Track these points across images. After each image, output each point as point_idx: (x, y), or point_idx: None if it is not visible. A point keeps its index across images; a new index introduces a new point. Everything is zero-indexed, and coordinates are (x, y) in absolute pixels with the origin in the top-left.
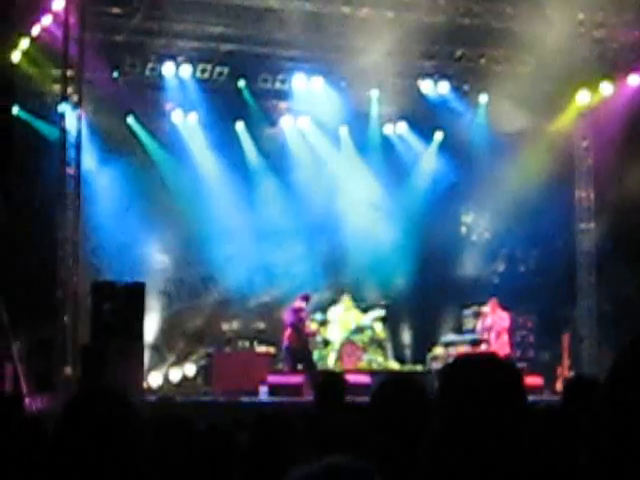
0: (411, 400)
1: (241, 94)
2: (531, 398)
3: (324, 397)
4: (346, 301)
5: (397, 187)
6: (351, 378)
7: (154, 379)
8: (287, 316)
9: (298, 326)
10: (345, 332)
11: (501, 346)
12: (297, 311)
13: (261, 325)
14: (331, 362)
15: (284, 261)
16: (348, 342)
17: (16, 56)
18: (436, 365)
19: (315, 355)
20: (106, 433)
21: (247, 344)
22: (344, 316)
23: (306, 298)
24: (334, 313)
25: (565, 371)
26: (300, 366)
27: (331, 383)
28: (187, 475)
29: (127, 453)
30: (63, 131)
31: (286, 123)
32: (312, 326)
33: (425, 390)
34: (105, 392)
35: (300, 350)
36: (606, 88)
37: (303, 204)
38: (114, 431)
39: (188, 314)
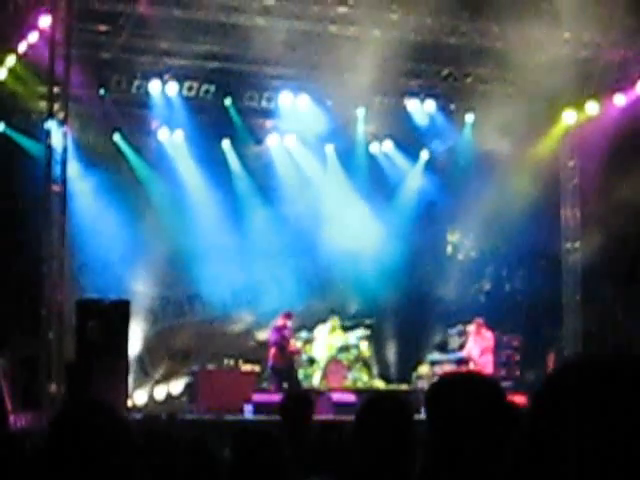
0: (396, 418)
1: (227, 112)
2: None
3: (288, 417)
4: (333, 321)
5: (383, 206)
6: (336, 397)
7: (139, 397)
8: (271, 335)
9: (282, 344)
10: (330, 351)
11: (484, 365)
12: (280, 329)
13: (246, 343)
14: (316, 381)
15: (269, 279)
16: (333, 361)
17: (2, 73)
18: (421, 384)
19: (300, 374)
20: (96, 446)
21: (232, 362)
22: (330, 335)
23: (288, 316)
24: (320, 332)
25: None
26: (285, 385)
27: (296, 403)
28: None
29: (118, 466)
30: (49, 148)
31: (272, 141)
32: (297, 344)
33: (410, 408)
34: (94, 405)
35: (285, 369)
36: (592, 107)
37: (289, 222)
38: (104, 444)
39: (173, 332)
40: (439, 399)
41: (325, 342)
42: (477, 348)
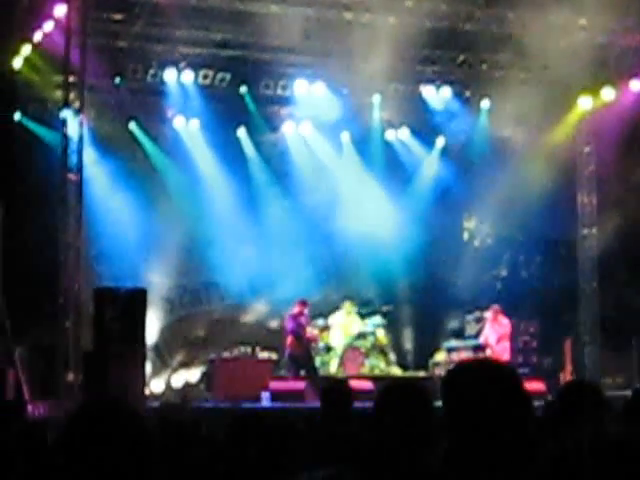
0: (414, 405)
1: (243, 100)
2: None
3: (330, 405)
4: (347, 306)
5: (399, 193)
6: (353, 384)
7: (156, 385)
8: (287, 323)
9: (298, 332)
10: (347, 338)
11: (501, 352)
12: (296, 317)
13: (263, 331)
14: (333, 368)
15: (286, 267)
16: (350, 348)
17: (18, 62)
18: (438, 371)
19: (317, 361)
20: (111, 446)
21: (249, 350)
22: (345, 322)
23: (304, 303)
24: (335, 319)
25: (568, 376)
26: (302, 372)
27: (338, 391)
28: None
29: (134, 467)
30: (65, 137)
31: (288, 129)
32: (313, 332)
33: (428, 395)
34: (109, 405)
35: (302, 356)
36: (608, 93)
37: (305, 210)
38: (120, 445)
39: (190, 320)
40: (455, 386)
41: (341, 327)
42: (494, 335)
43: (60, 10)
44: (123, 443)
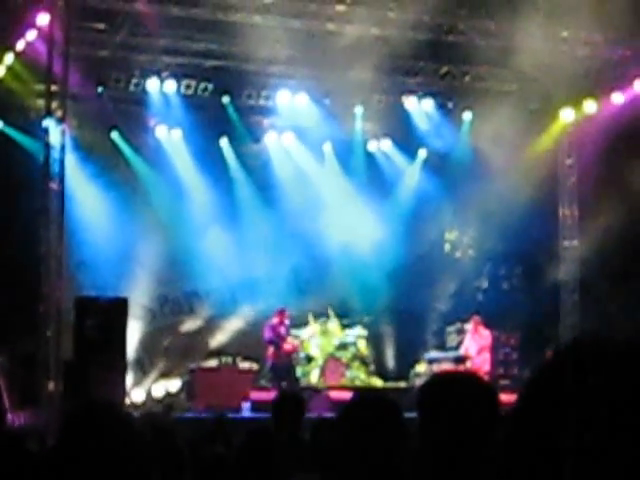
0: (381, 418)
1: (225, 110)
2: None
3: (279, 415)
4: (330, 314)
5: (381, 204)
6: (334, 395)
7: (137, 395)
8: (265, 333)
9: (276, 342)
10: (328, 348)
11: (482, 363)
12: (274, 327)
13: (244, 341)
14: (314, 378)
15: (267, 277)
16: (331, 358)
17: (0, 71)
18: (419, 382)
19: (298, 371)
20: (108, 447)
21: (230, 360)
22: (325, 332)
23: (282, 313)
24: (315, 329)
25: None
26: (283, 383)
27: (287, 402)
28: None
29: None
30: (47, 146)
31: (270, 139)
32: (294, 342)
33: (397, 407)
34: (104, 407)
35: (283, 367)
36: (590, 106)
37: (287, 220)
38: (115, 444)
39: (171, 330)
40: (427, 399)
41: (323, 337)
42: (474, 346)
43: (43, 19)
44: (118, 443)
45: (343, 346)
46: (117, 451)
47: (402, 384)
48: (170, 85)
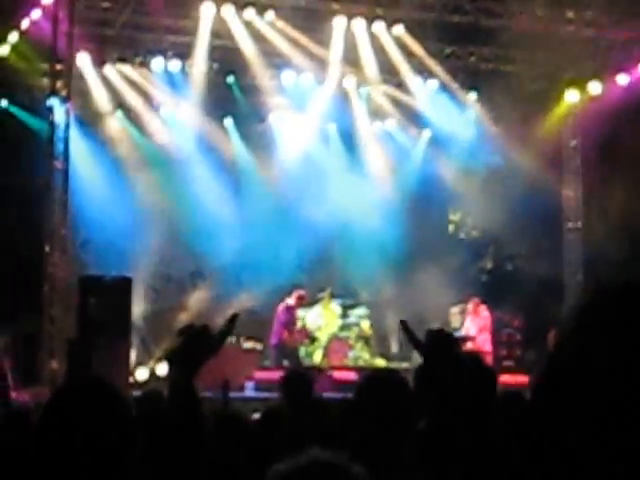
0: (394, 394)
1: (230, 90)
2: None
3: (290, 394)
4: (326, 297)
5: (385, 185)
6: (337, 375)
7: (141, 374)
8: (281, 315)
9: (288, 326)
10: (332, 329)
11: (483, 344)
12: (290, 309)
13: (248, 321)
14: (317, 359)
15: (271, 257)
16: (335, 339)
17: (4, 50)
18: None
19: (302, 351)
20: (95, 424)
21: (234, 340)
22: (327, 312)
23: (301, 297)
24: (318, 310)
25: None
26: (286, 362)
27: (297, 380)
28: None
29: (117, 444)
30: (51, 125)
31: (275, 119)
32: (305, 328)
33: (408, 385)
34: (94, 382)
35: (288, 347)
36: (595, 87)
37: (291, 200)
38: (103, 422)
39: (175, 309)
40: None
41: (326, 317)
42: (474, 327)
43: None
44: (107, 418)
45: (347, 326)
46: (101, 430)
47: (405, 364)
48: (175, 64)
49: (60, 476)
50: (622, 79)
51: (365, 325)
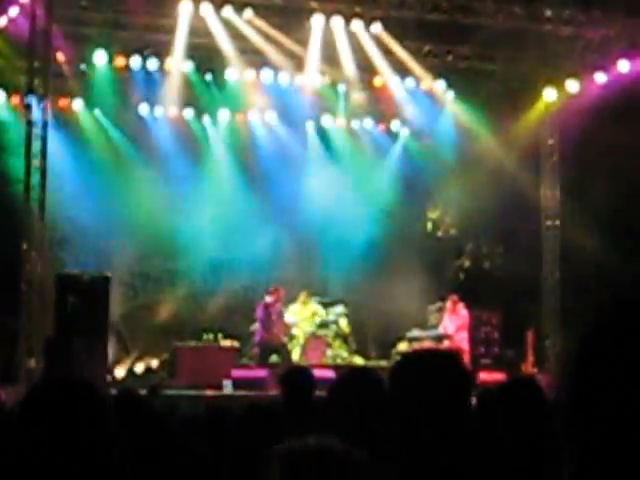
0: (369, 392)
1: (208, 87)
2: None
3: (292, 392)
4: (303, 295)
5: (363, 183)
6: (315, 373)
7: (118, 371)
8: (258, 311)
9: (265, 322)
10: (309, 327)
11: (460, 342)
12: (267, 306)
13: (227, 318)
14: (296, 356)
15: (249, 255)
16: (313, 337)
17: None
18: None
19: None
20: (71, 421)
21: (211, 337)
22: (304, 310)
23: (277, 292)
24: (295, 307)
25: (529, 368)
26: (272, 358)
27: (299, 377)
28: (155, 462)
29: (94, 441)
30: (29, 123)
31: (253, 117)
32: (289, 320)
33: (383, 383)
34: (70, 380)
35: (271, 344)
36: (573, 86)
37: (269, 198)
38: (80, 419)
39: (153, 307)
40: (398, 377)
41: (303, 315)
42: (452, 325)
43: None
44: (83, 415)
45: (324, 324)
46: (77, 427)
47: (383, 363)
48: (152, 62)
49: (37, 474)
50: (600, 77)
51: (343, 323)
